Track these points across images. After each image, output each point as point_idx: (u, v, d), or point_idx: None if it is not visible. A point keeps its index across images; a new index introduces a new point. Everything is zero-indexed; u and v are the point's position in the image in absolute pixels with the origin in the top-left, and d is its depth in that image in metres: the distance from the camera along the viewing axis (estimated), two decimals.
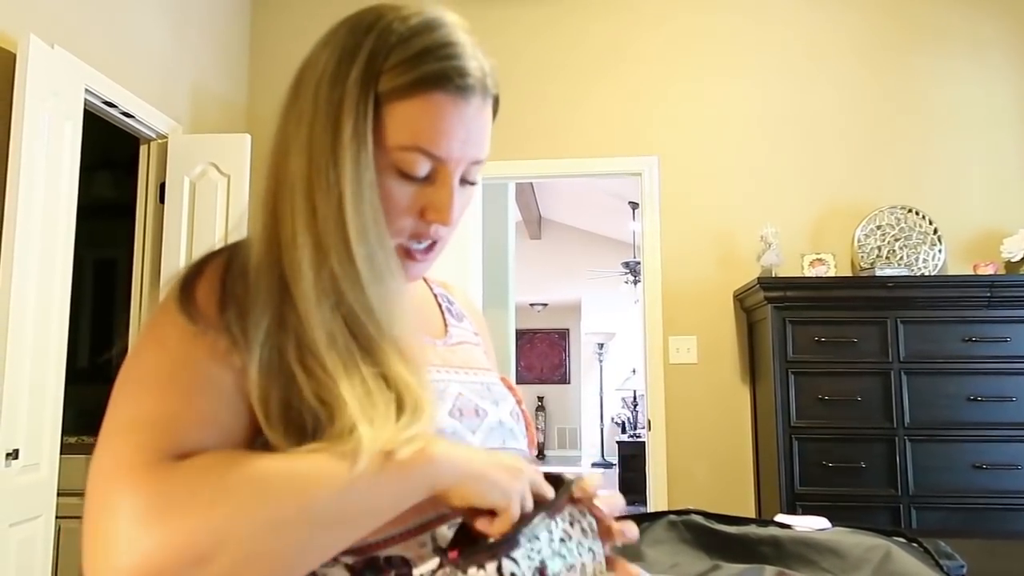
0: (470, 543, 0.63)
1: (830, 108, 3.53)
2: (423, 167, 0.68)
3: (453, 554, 0.63)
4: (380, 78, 0.66)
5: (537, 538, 0.64)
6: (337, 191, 0.65)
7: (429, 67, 0.67)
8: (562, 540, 0.66)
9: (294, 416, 0.61)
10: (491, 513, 0.64)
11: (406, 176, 0.68)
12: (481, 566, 0.61)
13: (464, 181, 0.72)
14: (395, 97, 0.66)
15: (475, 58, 0.70)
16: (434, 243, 0.73)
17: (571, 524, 0.68)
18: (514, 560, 0.61)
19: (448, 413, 0.73)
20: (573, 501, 0.69)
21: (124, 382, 0.63)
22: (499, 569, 0.60)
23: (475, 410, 0.77)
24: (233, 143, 3.13)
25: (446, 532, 0.70)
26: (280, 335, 0.63)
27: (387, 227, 0.69)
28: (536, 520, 0.64)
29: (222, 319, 0.63)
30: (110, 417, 0.61)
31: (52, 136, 2.34)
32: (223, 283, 0.66)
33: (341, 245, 0.64)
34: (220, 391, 0.62)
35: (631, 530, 0.71)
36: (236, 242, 0.73)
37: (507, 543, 0.61)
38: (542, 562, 0.63)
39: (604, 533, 0.70)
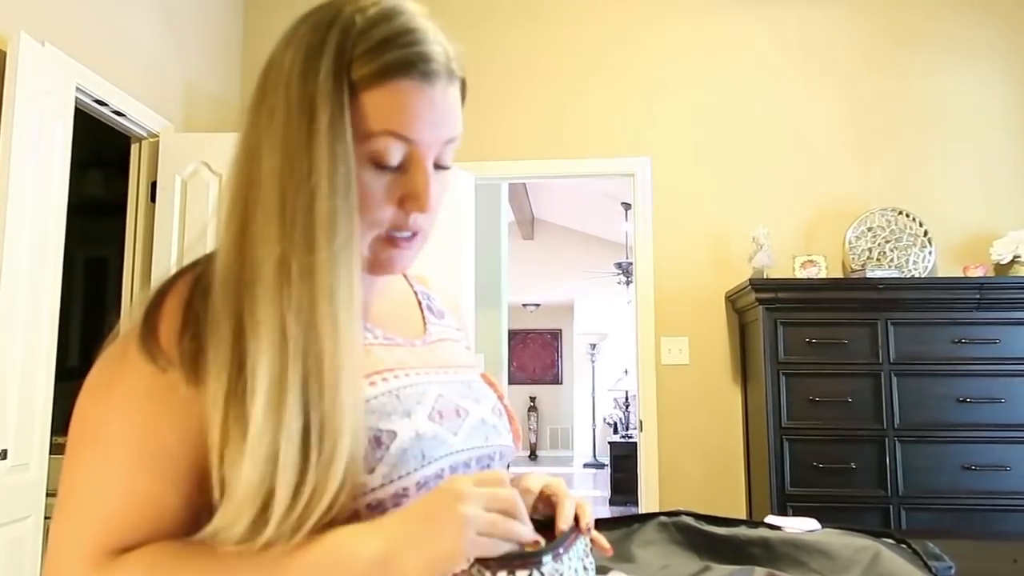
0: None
1: (822, 110, 3.54)
2: (396, 153, 0.68)
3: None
4: (350, 68, 0.66)
5: (562, 561, 0.65)
6: (310, 184, 0.64)
7: (392, 55, 0.67)
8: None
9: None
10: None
11: (380, 165, 0.68)
12: (512, 572, 0.62)
13: (438, 167, 0.72)
14: (363, 87, 0.67)
15: (438, 43, 0.70)
16: (415, 233, 0.73)
17: (584, 568, 0.69)
18: (542, 574, 0.62)
19: (428, 417, 0.73)
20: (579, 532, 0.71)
21: (79, 440, 0.65)
22: None
23: (456, 410, 0.77)
24: (225, 142, 3.12)
25: None
26: (235, 362, 0.63)
27: (365, 220, 0.69)
28: (567, 542, 0.66)
29: (181, 350, 0.64)
30: (64, 484, 0.65)
31: (43, 134, 2.33)
32: (188, 305, 0.66)
33: (306, 240, 0.64)
34: (172, 464, 0.63)
35: None
36: (209, 253, 0.72)
37: (543, 554, 0.63)
38: None
39: None
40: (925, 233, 3.33)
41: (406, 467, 0.68)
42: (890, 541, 1.23)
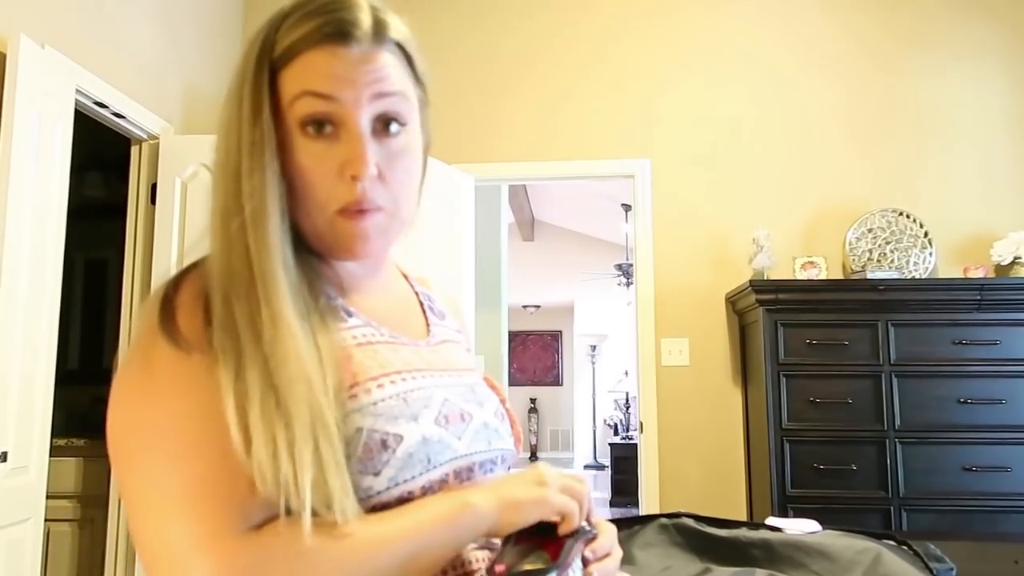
0: (516, 557, 0.65)
1: (822, 111, 3.54)
2: (320, 110, 0.69)
3: (500, 568, 0.63)
4: (272, 50, 0.70)
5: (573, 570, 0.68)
6: (236, 167, 0.67)
7: (306, 27, 0.69)
8: None
9: None
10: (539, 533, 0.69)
11: (306, 128, 0.69)
12: None
13: (383, 130, 0.71)
14: (284, 63, 0.69)
15: (359, 10, 0.71)
16: (372, 209, 0.70)
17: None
18: None
19: (434, 421, 0.72)
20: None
21: (144, 440, 0.63)
22: None
23: (460, 415, 0.77)
24: None
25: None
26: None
27: (315, 199, 0.70)
28: (574, 553, 0.69)
29: (207, 334, 0.64)
30: (146, 483, 0.62)
31: (42, 136, 2.33)
32: (203, 295, 0.66)
33: (237, 221, 0.66)
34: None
35: None
36: None
37: (549, 571, 0.64)
38: None
39: None
40: (926, 234, 3.33)
41: (411, 471, 0.68)
42: (891, 543, 1.23)
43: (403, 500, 0.67)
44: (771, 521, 1.29)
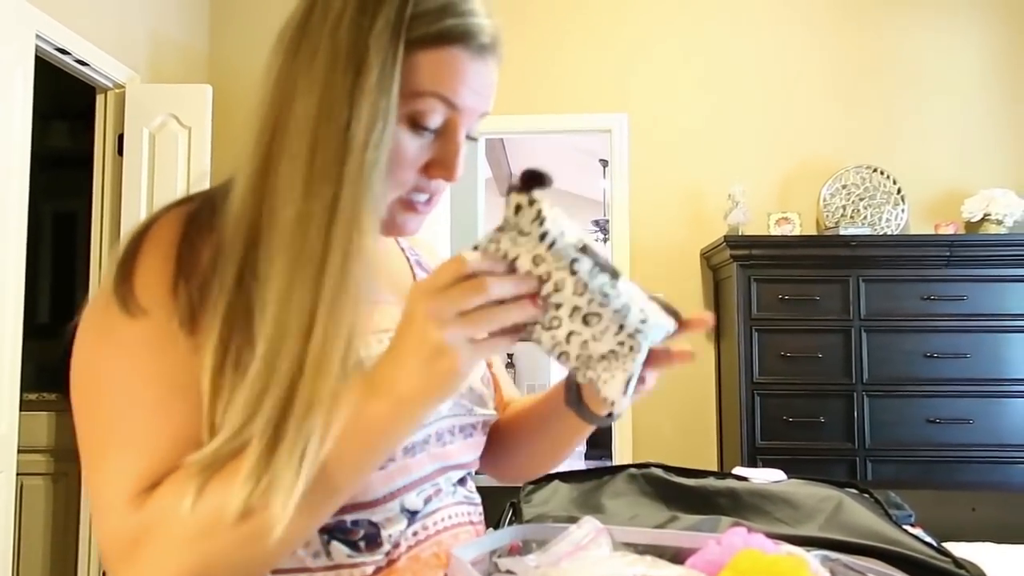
0: None
1: (799, 67, 3.52)
2: (437, 116, 0.66)
3: None
4: (409, 26, 0.64)
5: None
6: (346, 137, 0.61)
7: (453, 21, 0.66)
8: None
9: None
10: None
11: (417, 127, 0.66)
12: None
13: (467, 137, 0.72)
14: (418, 46, 0.64)
15: (488, 17, 0.70)
16: (431, 198, 0.72)
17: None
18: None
19: None
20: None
21: (92, 392, 0.63)
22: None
23: None
24: (194, 94, 3.05)
25: (415, 498, 0.71)
26: (238, 309, 0.62)
27: (391, 181, 0.66)
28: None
29: (175, 293, 0.62)
30: (89, 432, 0.63)
31: (2, 83, 2.26)
32: (181, 245, 0.64)
33: (333, 193, 0.61)
34: (196, 397, 0.61)
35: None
36: (206, 191, 0.70)
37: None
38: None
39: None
40: (899, 191, 3.35)
41: None
42: (853, 491, 1.26)
43: (385, 459, 0.68)
44: (738, 471, 1.31)
